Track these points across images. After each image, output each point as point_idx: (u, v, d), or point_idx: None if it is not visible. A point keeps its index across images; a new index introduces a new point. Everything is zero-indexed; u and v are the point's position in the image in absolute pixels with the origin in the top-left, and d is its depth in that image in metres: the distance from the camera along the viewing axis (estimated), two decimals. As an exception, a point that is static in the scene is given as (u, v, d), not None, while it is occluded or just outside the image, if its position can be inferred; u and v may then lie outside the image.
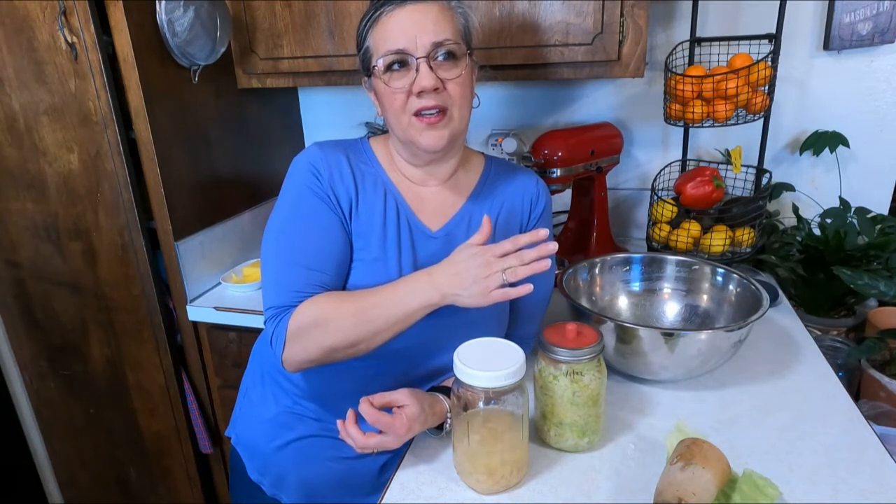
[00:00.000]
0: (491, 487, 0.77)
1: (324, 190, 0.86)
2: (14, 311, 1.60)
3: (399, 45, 0.80)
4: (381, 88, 0.84)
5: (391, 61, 0.82)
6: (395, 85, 0.82)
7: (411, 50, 0.80)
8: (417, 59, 0.80)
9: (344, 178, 0.87)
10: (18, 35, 1.28)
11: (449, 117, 0.84)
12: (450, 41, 0.82)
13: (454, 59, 0.83)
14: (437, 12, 0.82)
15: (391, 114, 0.85)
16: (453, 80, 0.83)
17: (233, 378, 1.51)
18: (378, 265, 0.87)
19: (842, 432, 0.86)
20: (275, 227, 0.87)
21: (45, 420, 1.75)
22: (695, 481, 0.67)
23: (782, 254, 1.38)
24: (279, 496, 0.98)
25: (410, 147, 0.87)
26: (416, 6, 0.81)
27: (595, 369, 0.80)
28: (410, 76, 0.81)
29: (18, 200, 1.45)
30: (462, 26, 0.86)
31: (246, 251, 1.66)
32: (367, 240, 0.87)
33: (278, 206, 0.88)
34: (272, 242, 0.87)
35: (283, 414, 0.96)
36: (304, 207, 0.86)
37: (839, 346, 1.26)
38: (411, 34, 0.80)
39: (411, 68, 0.81)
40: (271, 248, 0.87)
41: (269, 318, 0.84)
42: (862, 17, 1.38)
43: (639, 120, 1.63)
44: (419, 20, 0.80)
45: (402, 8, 0.81)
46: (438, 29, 0.81)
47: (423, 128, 0.83)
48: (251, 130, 1.68)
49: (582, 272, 1.16)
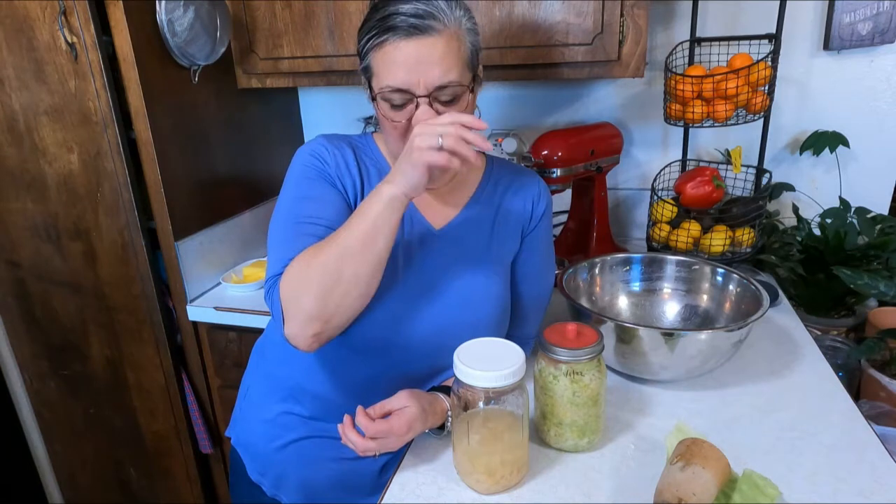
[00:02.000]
0: (491, 488, 0.77)
1: (329, 172, 0.86)
2: (14, 311, 1.60)
3: (400, 83, 0.78)
4: (383, 113, 0.82)
5: (392, 98, 0.79)
6: (394, 117, 0.81)
7: (413, 89, 0.78)
8: (418, 98, 0.78)
9: (350, 169, 0.87)
10: (18, 35, 1.28)
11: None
12: (454, 83, 0.78)
13: (457, 97, 0.81)
14: (444, 46, 0.77)
15: (388, 136, 0.85)
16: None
17: (233, 378, 1.51)
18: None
19: (842, 432, 0.86)
20: (280, 208, 0.85)
21: (45, 420, 1.75)
22: (695, 481, 0.67)
23: (782, 254, 1.38)
24: (279, 496, 0.98)
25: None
26: (422, 40, 0.76)
27: (595, 369, 0.80)
28: (409, 110, 0.80)
29: (18, 200, 1.45)
30: (469, 53, 0.81)
31: (246, 251, 1.66)
32: None
33: (282, 192, 0.87)
34: (277, 221, 0.85)
35: (284, 414, 0.96)
36: (310, 185, 0.85)
37: (839, 346, 1.26)
38: (415, 73, 0.77)
39: (411, 104, 0.80)
40: (275, 227, 0.85)
41: (266, 291, 0.81)
42: (862, 17, 1.38)
43: (639, 120, 1.63)
44: (425, 56, 0.76)
45: (407, 41, 0.76)
46: (444, 67, 0.77)
47: None
48: (251, 130, 1.68)
49: (582, 272, 1.16)
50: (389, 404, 0.80)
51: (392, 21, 0.76)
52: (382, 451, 0.79)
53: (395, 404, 0.80)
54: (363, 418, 0.77)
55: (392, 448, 0.80)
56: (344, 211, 0.84)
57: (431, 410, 0.82)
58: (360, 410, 0.78)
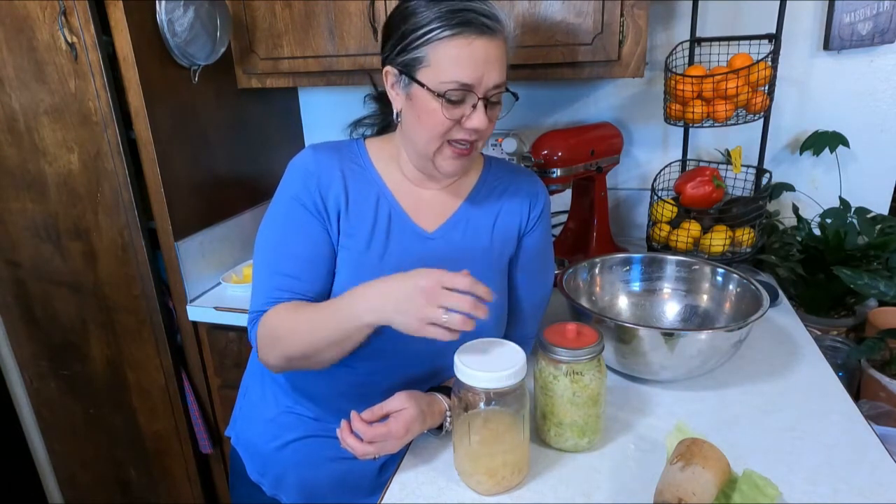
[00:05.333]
0: (492, 489, 0.77)
1: (311, 197, 0.86)
2: (14, 311, 1.60)
3: (468, 79, 0.78)
4: (428, 107, 0.81)
5: (454, 94, 0.79)
6: (448, 114, 0.80)
7: (476, 87, 0.79)
8: (479, 99, 0.80)
9: (333, 183, 0.87)
10: (18, 35, 1.28)
11: (474, 148, 0.85)
12: (504, 83, 0.82)
13: (499, 102, 0.84)
14: (503, 50, 0.81)
15: (425, 130, 0.83)
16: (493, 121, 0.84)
17: (233, 378, 1.51)
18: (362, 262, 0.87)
19: (842, 432, 0.86)
20: (260, 233, 0.90)
21: (45, 420, 1.75)
22: (695, 481, 0.67)
23: (782, 254, 1.38)
24: (279, 496, 0.98)
25: (427, 164, 0.87)
26: (492, 41, 0.78)
27: (595, 369, 0.80)
28: (463, 109, 0.81)
29: (18, 200, 1.45)
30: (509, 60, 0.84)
31: (246, 251, 1.66)
32: (355, 239, 0.87)
33: (267, 213, 0.90)
34: (258, 248, 0.90)
35: (283, 414, 0.96)
36: (285, 215, 0.87)
37: (839, 346, 1.26)
38: (481, 70, 0.78)
39: (467, 103, 0.80)
40: (257, 255, 0.90)
41: (248, 322, 0.88)
42: (862, 17, 1.38)
43: (639, 120, 1.63)
44: (492, 57, 0.79)
45: (480, 39, 0.77)
46: (501, 69, 0.80)
47: (452, 156, 0.84)
48: (251, 130, 1.68)
49: (582, 272, 1.16)
50: (387, 406, 0.80)
51: (467, 16, 0.77)
52: (382, 454, 0.79)
53: (392, 406, 0.80)
54: (360, 424, 0.77)
55: (391, 450, 0.80)
56: (316, 238, 0.87)
57: (430, 411, 0.82)
58: (355, 416, 0.78)
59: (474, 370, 0.72)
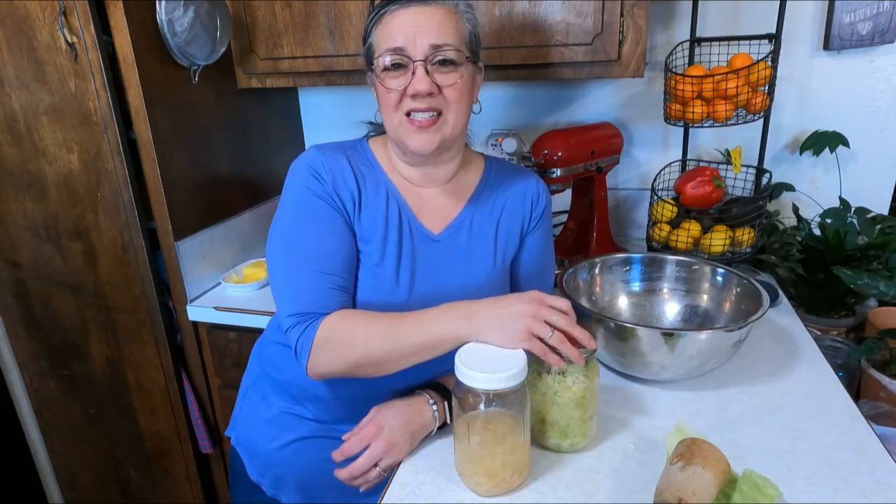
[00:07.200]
0: (492, 490, 0.77)
1: (326, 191, 0.85)
2: (14, 311, 1.60)
3: (398, 43, 0.80)
4: (381, 87, 0.84)
5: (389, 60, 0.81)
6: (390, 84, 0.82)
7: (409, 51, 0.80)
8: (414, 62, 0.80)
9: (347, 180, 0.87)
10: (18, 35, 1.28)
11: (442, 121, 0.84)
12: (449, 46, 0.81)
13: (453, 64, 0.82)
14: (442, 15, 0.81)
15: (385, 111, 0.86)
16: (450, 87, 0.82)
17: (233, 378, 1.51)
18: (378, 270, 0.87)
19: (842, 432, 0.86)
20: (280, 232, 0.86)
21: (45, 420, 1.75)
22: (695, 481, 0.67)
23: (782, 254, 1.38)
24: (279, 496, 0.98)
25: (401, 146, 0.87)
26: (421, 8, 0.81)
27: (579, 372, 0.79)
28: (406, 77, 0.81)
29: (18, 200, 1.45)
30: (468, 32, 0.85)
31: (246, 251, 1.66)
32: (369, 243, 0.87)
33: (281, 211, 0.87)
34: (279, 249, 0.86)
35: (283, 414, 0.96)
36: (309, 210, 0.85)
37: (839, 346, 1.26)
38: (411, 34, 0.80)
39: (408, 70, 0.81)
40: (279, 255, 0.86)
41: (292, 325, 0.83)
42: (862, 17, 1.38)
43: (639, 120, 1.63)
44: (422, 21, 0.80)
45: (406, 8, 0.81)
46: (440, 32, 0.80)
47: (413, 130, 0.83)
48: (251, 130, 1.68)
49: (582, 272, 1.16)
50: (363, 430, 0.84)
51: None
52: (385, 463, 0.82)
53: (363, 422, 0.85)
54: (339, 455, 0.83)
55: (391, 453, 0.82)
56: (344, 233, 0.85)
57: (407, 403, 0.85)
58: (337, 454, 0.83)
59: (475, 371, 0.72)
